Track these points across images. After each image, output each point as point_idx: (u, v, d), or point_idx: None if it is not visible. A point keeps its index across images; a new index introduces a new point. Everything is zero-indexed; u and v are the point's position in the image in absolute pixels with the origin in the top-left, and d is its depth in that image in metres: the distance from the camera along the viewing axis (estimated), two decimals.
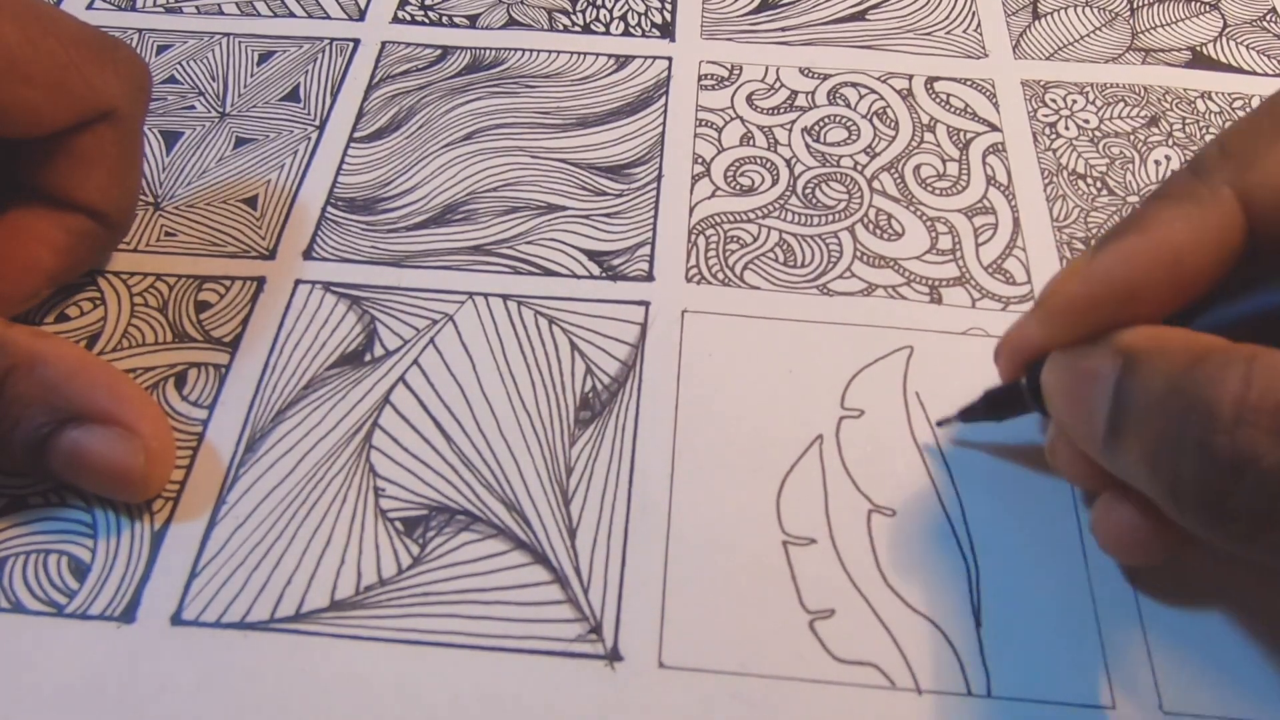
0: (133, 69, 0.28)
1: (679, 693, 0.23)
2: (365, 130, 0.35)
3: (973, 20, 0.39)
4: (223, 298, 0.30)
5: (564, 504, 0.26)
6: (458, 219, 0.33)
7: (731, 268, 0.31)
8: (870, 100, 0.36)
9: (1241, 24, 0.40)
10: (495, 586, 0.25)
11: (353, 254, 0.32)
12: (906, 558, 0.25)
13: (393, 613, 0.24)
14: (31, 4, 0.26)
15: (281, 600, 0.25)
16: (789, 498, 0.26)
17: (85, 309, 0.30)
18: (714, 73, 0.37)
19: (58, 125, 0.26)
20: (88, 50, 0.27)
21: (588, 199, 0.33)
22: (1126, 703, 0.23)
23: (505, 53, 0.38)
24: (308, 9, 0.40)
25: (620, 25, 0.39)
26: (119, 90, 0.27)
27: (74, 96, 0.26)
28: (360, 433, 0.27)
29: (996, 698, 0.23)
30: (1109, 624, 0.24)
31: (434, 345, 0.29)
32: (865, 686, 0.23)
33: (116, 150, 0.28)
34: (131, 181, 0.29)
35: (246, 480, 0.27)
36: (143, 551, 0.25)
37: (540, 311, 0.30)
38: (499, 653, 0.24)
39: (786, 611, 0.24)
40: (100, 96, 0.27)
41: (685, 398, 0.28)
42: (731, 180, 0.34)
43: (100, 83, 0.27)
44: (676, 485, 0.27)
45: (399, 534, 0.26)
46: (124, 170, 0.28)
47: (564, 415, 0.28)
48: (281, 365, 0.29)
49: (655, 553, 0.25)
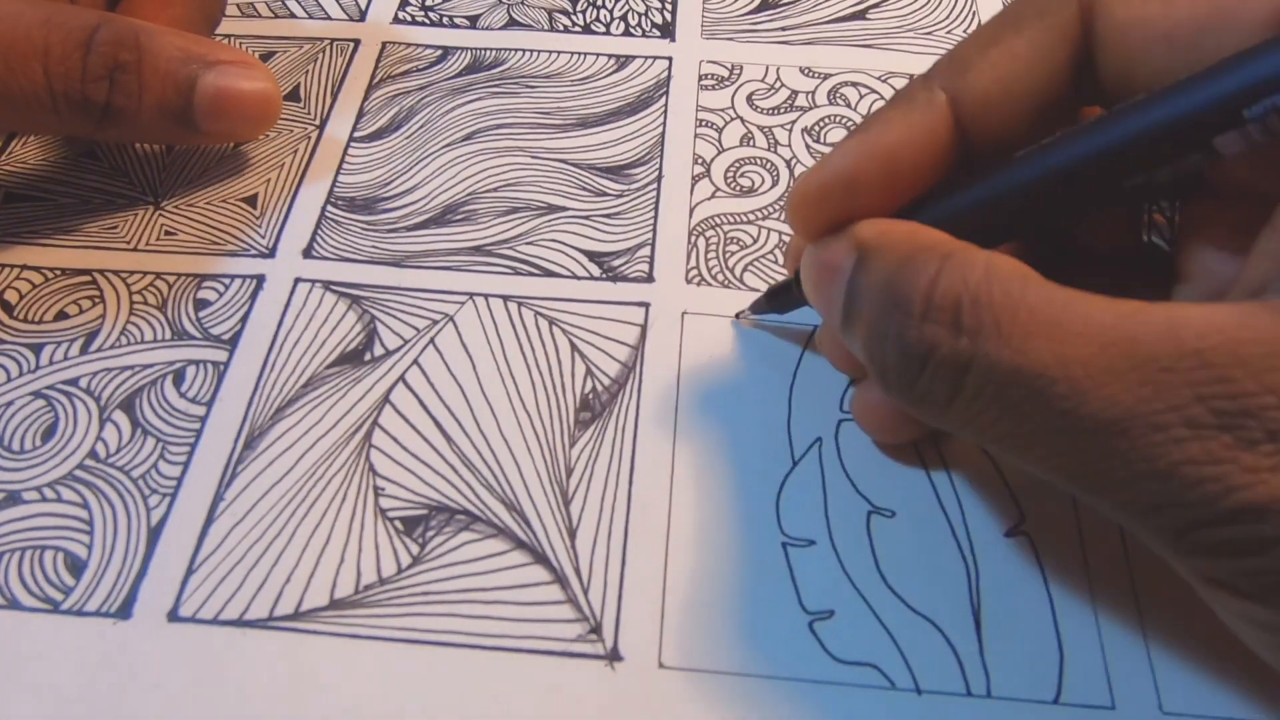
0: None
1: (679, 693, 0.23)
2: (365, 130, 0.35)
3: (973, 20, 0.39)
4: (222, 295, 0.30)
5: (564, 504, 0.26)
6: (458, 219, 0.32)
7: (731, 269, 0.31)
8: (871, 100, 0.36)
9: None
10: (495, 586, 0.25)
11: (353, 253, 0.32)
12: (906, 558, 0.25)
13: (392, 612, 0.24)
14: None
15: (280, 598, 0.24)
16: (788, 499, 0.26)
17: (84, 306, 0.30)
18: (714, 73, 0.37)
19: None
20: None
21: (588, 199, 0.33)
22: (1126, 703, 0.23)
23: (505, 53, 0.38)
24: (308, 9, 0.40)
25: (620, 25, 0.39)
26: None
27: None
28: (360, 432, 0.27)
29: (996, 698, 0.23)
30: (1109, 624, 0.24)
31: (434, 345, 0.29)
32: (865, 687, 0.23)
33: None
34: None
35: (245, 477, 0.26)
36: (139, 548, 0.25)
37: (540, 312, 0.30)
38: (499, 652, 0.24)
39: (786, 612, 0.24)
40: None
41: (685, 399, 0.28)
42: (731, 181, 0.34)
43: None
44: (676, 486, 0.26)
45: (399, 533, 0.26)
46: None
47: (564, 416, 0.28)
48: (281, 363, 0.29)
49: (655, 553, 0.25)
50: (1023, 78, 0.22)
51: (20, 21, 0.27)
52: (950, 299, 0.19)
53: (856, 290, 0.22)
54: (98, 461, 0.27)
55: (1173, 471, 0.17)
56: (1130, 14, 0.21)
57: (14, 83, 0.27)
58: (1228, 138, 0.18)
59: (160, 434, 0.27)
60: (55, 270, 0.31)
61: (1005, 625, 0.24)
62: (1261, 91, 0.17)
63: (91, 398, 0.28)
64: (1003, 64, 0.22)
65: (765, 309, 0.29)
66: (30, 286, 0.30)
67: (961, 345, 0.19)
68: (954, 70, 0.22)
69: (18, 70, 0.27)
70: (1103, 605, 0.24)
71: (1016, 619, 0.24)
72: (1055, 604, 0.24)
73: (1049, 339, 0.18)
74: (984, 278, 0.19)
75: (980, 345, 0.19)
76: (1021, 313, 0.18)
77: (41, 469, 0.27)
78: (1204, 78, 0.18)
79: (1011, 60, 0.22)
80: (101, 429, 0.27)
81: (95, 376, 0.28)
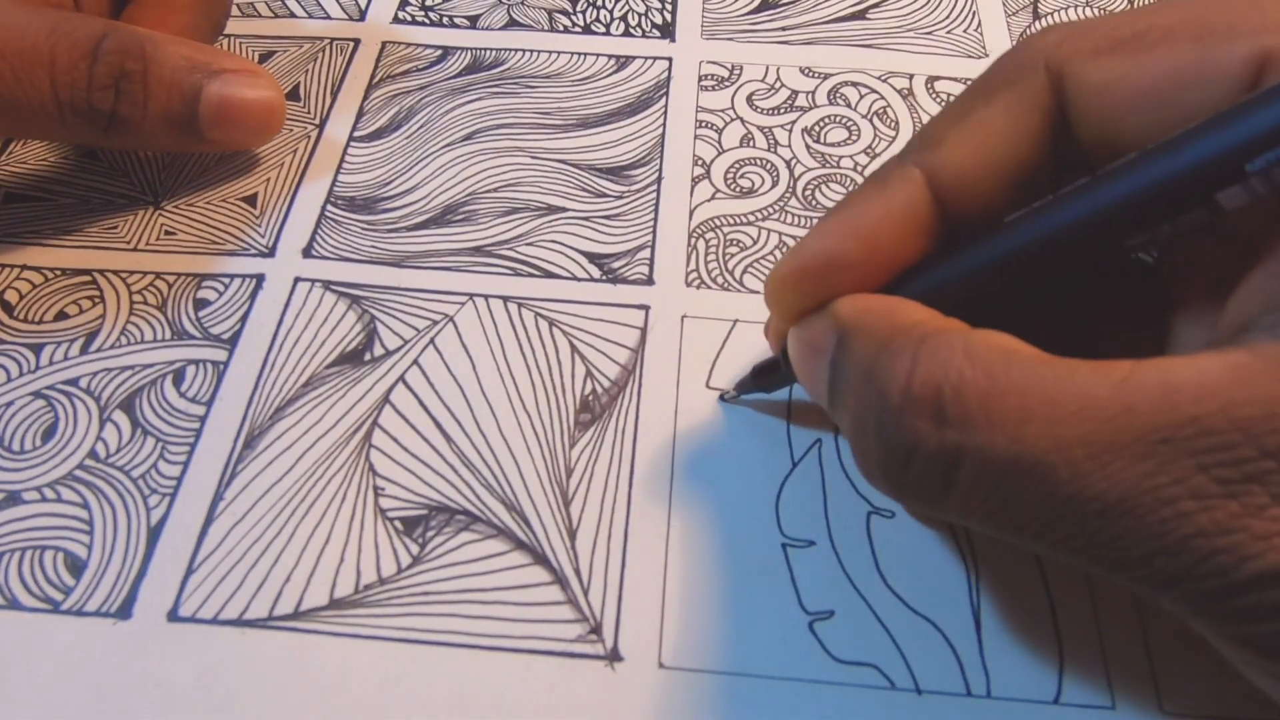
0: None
1: (679, 693, 0.23)
2: (365, 130, 0.35)
3: (973, 20, 0.39)
4: (222, 295, 0.30)
5: (564, 505, 0.26)
6: (458, 220, 0.32)
7: (731, 271, 0.31)
8: (871, 100, 0.36)
9: None
10: (495, 587, 0.25)
11: (353, 253, 0.32)
12: (906, 558, 0.25)
13: (392, 612, 0.24)
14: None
15: (280, 598, 0.24)
16: (788, 500, 0.26)
17: (84, 306, 0.30)
18: (714, 73, 0.37)
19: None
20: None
21: (588, 200, 0.33)
22: (1126, 703, 0.23)
23: (505, 53, 0.38)
24: (308, 9, 0.40)
25: (620, 26, 0.39)
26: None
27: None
28: (360, 431, 0.27)
29: (996, 698, 0.23)
30: (1109, 624, 0.24)
31: (434, 345, 0.29)
32: (865, 687, 0.23)
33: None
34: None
35: (244, 477, 0.26)
36: (139, 547, 0.25)
37: (540, 314, 0.30)
38: (499, 653, 0.24)
39: (786, 612, 0.24)
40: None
41: (685, 402, 0.28)
42: (731, 182, 0.34)
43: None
44: (676, 487, 0.26)
45: (399, 533, 0.26)
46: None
47: (564, 417, 0.28)
48: (280, 363, 0.29)
49: (655, 553, 0.25)
50: (998, 148, 0.21)
51: (27, 31, 0.27)
52: (929, 389, 0.18)
53: (839, 374, 0.21)
54: (98, 461, 0.27)
55: (1184, 546, 0.17)
56: (1103, 76, 0.20)
57: (20, 92, 0.27)
58: (1231, 192, 0.18)
59: (160, 434, 0.27)
60: (55, 270, 0.31)
61: (1005, 625, 0.24)
62: (1263, 145, 0.17)
63: (91, 398, 0.28)
64: (976, 136, 0.21)
65: (751, 388, 0.27)
66: (30, 286, 0.30)
67: (948, 438, 0.18)
68: (927, 147, 0.22)
69: (24, 79, 0.27)
70: (1103, 605, 0.24)
71: (1016, 619, 0.24)
72: (1055, 604, 0.25)
73: (1044, 421, 0.17)
74: (964, 362, 0.18)
75: (970, 436, 0.18)
76: (1010, 397, 0.18)
77: (41, 469, 0.27)
78: (1201, 133, 0.18)
79: (985, 132, 0.21)
80: (101, 429, 0.27)
81: (95, 376, 0.28)
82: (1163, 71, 0.19)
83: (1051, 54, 0.21)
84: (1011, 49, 0.22)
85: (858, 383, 0.20)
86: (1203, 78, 0.19)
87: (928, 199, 0.22)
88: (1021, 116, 0.21)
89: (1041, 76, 0.21)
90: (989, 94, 0.22)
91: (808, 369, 0.23)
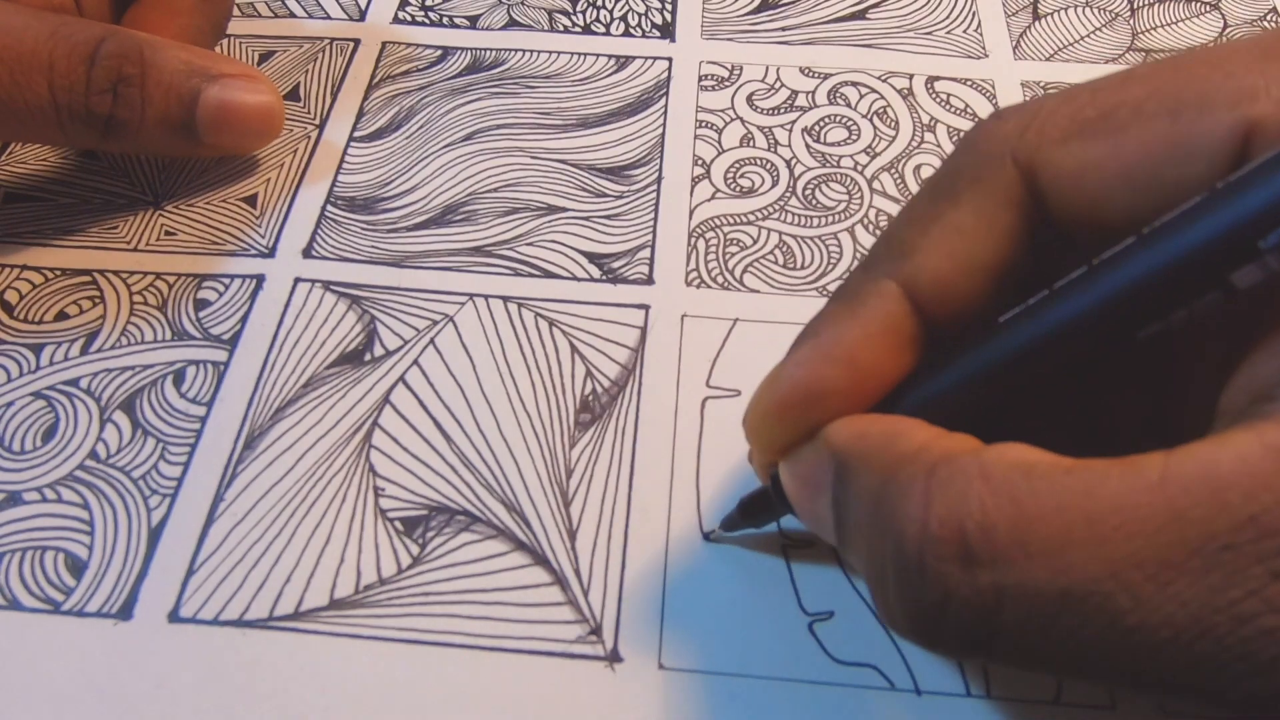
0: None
1: (679, 694, 0.23)
2: (365, 130, 0.35)
3: (973, 20, 0.39)
4: (222, 295, 0.30)
5: (564, 505, 0.26)
6: (458, 220, 0.32)
7: (731, 271, 0.31)
8: (871, 100, 0.36)
9: (1242, 24, 0.40)
10: (495, 587, 0.25)
11: (353, 253, 0.32)
12: None
13: (392, 612, 0.24)
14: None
15: (280, 598, 0.24)
16: None
17: (84, 307, 0.30)
18: (714, 73, 0.37)
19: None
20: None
21: (588, 200, 0.33)
22: (1126, 703, 0.23)
23: (505, 53, 0.38)
24: (307, 9, 0.40)
25: (620, 26, 0.39)
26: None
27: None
28: (360, 432, 0.27)
29: (996, 698, 0.23)
30: None
31: (434, 346, 0.29)
32: (865, 688, 0.23)
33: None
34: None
35: (245, 478, 0.26)
36: (140, 548, 0.25)
37: (540, 314, 0.30)
38: (499, 653, 0.24)
39: (786, 613, 0.24)
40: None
41: (685, 402, 0.28)
42: (731, 182, 0.34)
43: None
44: (676, 487, 0.26)
45: (399, 533, 0.26)
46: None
47: (564, 417, 0.28)
48: (281, 363, 0.29)
49: (655, 554, 0.25)
50: (975, 250, 0.20)
51: (27, 34, 0.27)
52: (951, 528, 0.16)
53: (844, 510, 0.19)
54: (98, 462, 0.27)
55: (1275, 666, 0.15)
56: (1077, 162, 0.19)
57: (19, 95, 0.27)
58: (1245, 271, 0.17)
59: (160, 434, 0.27)
60: (55, 270, 0.31)
61: None
62: (1275, 219, 0.16)
63: (92, 398, 0.28)
64: (950, 240, 0.20)
65: (739, 525, 0.25)
66: (30, 287, 0.30)
67: (983, 580, 0.16)
68: (898, 257, 0.20)
69: (23, 83, 0.27)
70: None
71: None
72: None
73: (1087, 544, 0.15)
74: (983, 489, 0.16)
75: (1007, 574, 0.16)
76: (1043, 522, 0.16)
77: (42, 469, 0.27)
78: (1206, 211, 0.17)
79: (958, 235, 0.20)
80: (102, 429, 0.27)
81: (95, 377, 0.28)
82: (1140, 151, 0.18)
83: (1016, 144, 0.19)
84: (966, 139, 0.20)
85: (866, 523, 0.18)
86: (1183, 154, 0.18)
87: (907, 311, 0.20)
88: (995, 215, 0.20)
89: (1009, 169, 0.19)
90: (954, 194, 0.20)
91: (808, 508, 0.21)
